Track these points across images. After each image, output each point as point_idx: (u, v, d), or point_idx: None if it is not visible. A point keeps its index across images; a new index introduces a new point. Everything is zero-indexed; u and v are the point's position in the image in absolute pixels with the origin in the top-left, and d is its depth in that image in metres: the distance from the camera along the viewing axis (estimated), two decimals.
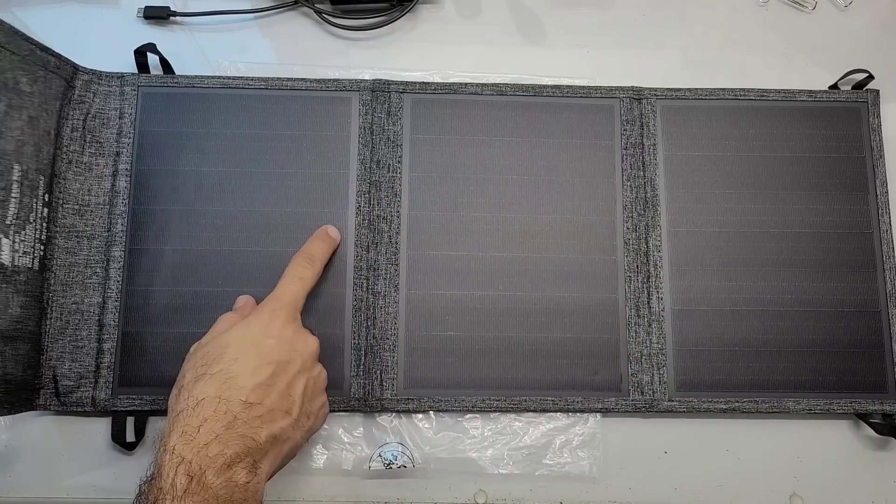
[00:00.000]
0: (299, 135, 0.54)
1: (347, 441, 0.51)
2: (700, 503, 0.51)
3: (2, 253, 0.44)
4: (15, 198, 0.46)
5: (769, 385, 0.52)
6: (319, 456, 0.50)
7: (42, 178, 0.49)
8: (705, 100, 0.56)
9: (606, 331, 0.52)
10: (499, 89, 0.55)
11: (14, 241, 0.46)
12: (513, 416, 0.52)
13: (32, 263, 0.48)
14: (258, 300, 0.47)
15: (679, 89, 0.56)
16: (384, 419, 0.51)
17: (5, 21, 0.45)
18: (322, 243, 0.50)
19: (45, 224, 0.49)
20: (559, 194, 0.54)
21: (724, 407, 0.51)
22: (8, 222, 0.45)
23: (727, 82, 0.57)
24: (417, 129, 0.55)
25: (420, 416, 0.52)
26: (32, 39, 0.48)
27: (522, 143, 0.55)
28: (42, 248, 0.49)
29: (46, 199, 0.49)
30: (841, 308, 0.53)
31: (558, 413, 0.52)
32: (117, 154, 0.53)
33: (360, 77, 0.56)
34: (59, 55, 0.50)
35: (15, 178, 0.46)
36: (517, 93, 0.55)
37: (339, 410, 0.51)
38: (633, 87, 0.56)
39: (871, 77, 0.57)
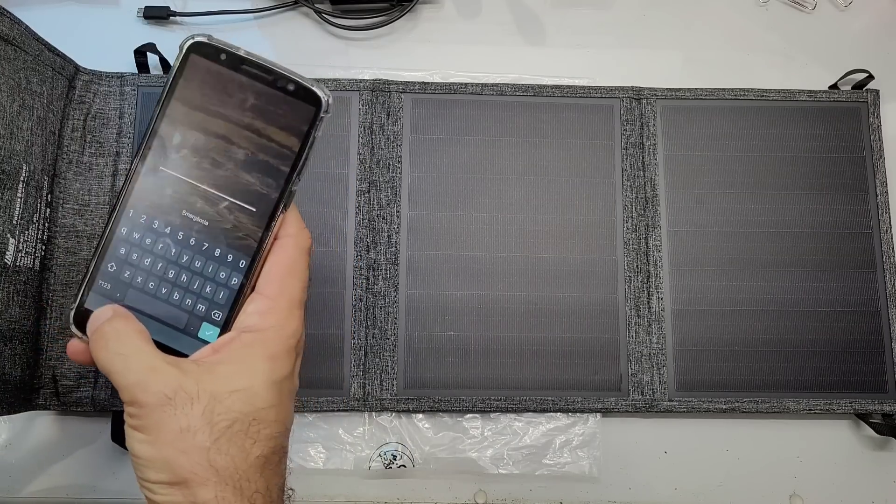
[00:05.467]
0: None
1: (347, 441, 0.51)
2: (700, 503, 0.51)
3: (6, 253, 0.44)
4: (20, 198, 0.46)
5: (769, 385, 0.52)
6: (319, 456, 0.50)
7: (46, 178, 0.49)
8: (705, 100, 0.56)
9: (606, 331, 0.52)
10: (499, 89, 0.55)
11: (18, 242, 0.46)
12: (513, 416, 0.52)
13: (33, 263, 0.48)
14: None
15: (679, 89, 0.56)
16: (384, 419, 0.51)
17: (21, 20, 0.45)
18: None
19: (46, 224, 0.49)
20: (559, 194, 0.54)
21: (724, 407, 0.51)
22: (14, 222, 0.45)
23: (727, 82, 0.57)
24: (417, 129, 0.55)
25: (420, 416, 0.52)
26: (42, 39, 0.48)
27: (522, 143, 0.55)
28: (43, 248, 0.49)
29: (49, 200, 0.49)
30: (841, 308, 0.53)
31: (558, 413, 0.52)
32: (117, 154, 0.53)
33: (359, 77, 0.56)
34: (64, 55, 0.50)
35: (22, 178, 0.46)
36: (517, 93, 0.55)
37: (339, 410, 0.50)
38: (633, 87, 0.56)
39: (871, 77, 0.57)
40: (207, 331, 0.30)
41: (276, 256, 0.30)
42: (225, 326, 0.30)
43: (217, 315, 0.30)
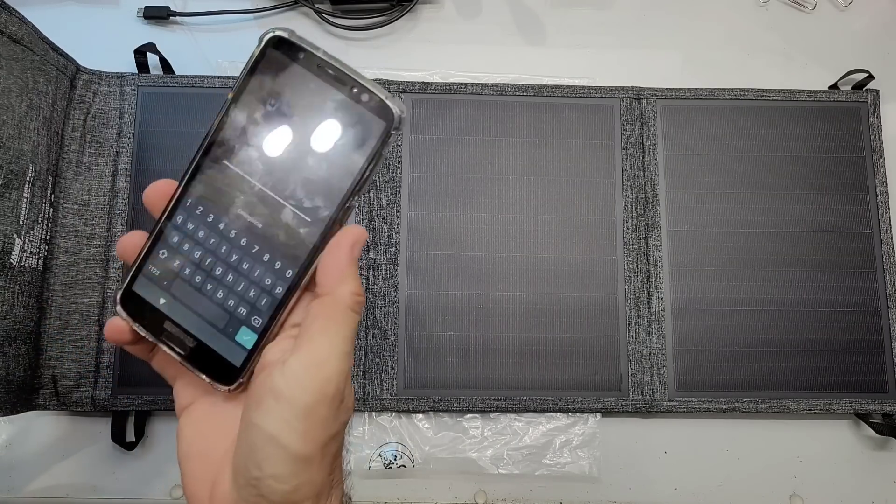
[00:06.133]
0: None
1: (347, 441, 0.51)
2: (700, 503, 0.51)
3: (12, 253, 0.44)
4: (27, 198, 0.46)
5: (769, 385, 0.52)
6: None
7: (50, 178, 0.49)
8: (705, 100, 0.56)
9: (606, 331, 0.52)
10: (499, 89, 0.55)
11: (24, 242, 0.46)
12: (513, 416, 0.52)
13: (37, 264, 0.48)
14: None
15: (679, 89, 0.56)
16: (384, 419, 0.51)
17: (29, 20, 0.45)
18: None
19: (49, 224, 0.49)
20: (559, 194, 0.54)
21: (724, 407, 0.51)
22: (21, 223, 0.45)
23: (727, 82, 0.57)
24: (417, 129, 0.55)
25: (420, 416, 0.52)
26: (47, 39, 0.48)
27: (522, 143, 0.55)
28: (46, 248, 0.49)
29: (52, 200, 0.49)
30: (841, 308, 0.53)
31: (558, 413, 0.52)
32: (117, 154, 0.53)
33: None
34: (66, 55, 0.50)
35: (28, 178, 0.46)
36: (517, 93, 0.55)
37: None
38: (633, 87, 0.56)
39: (871, 77, 0.57)
40: (245, 335, 0.29)
41: None
42: (263, 334, 0.29)
43: (257, 321, 0.29)
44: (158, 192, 0.29)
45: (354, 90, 0.28)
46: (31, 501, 0.49)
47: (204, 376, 0.28)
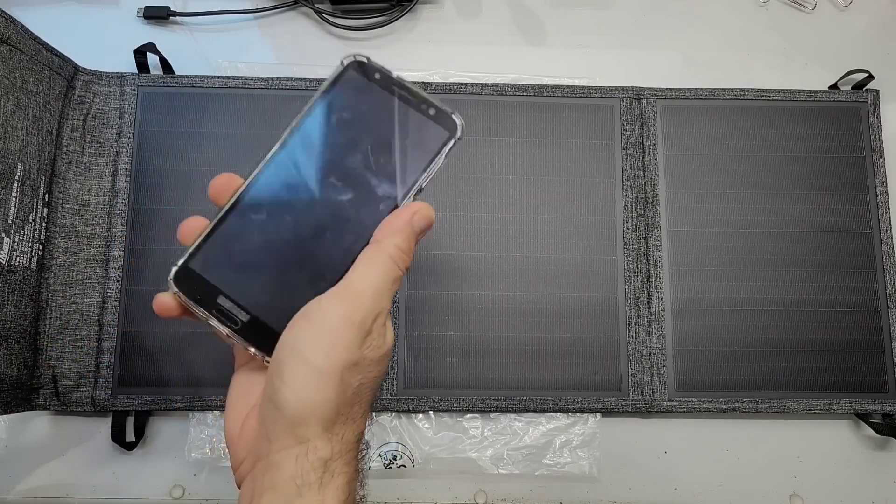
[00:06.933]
0: None
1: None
2: (700, 503, 0.51)
3: (0, 252, 0.44)
4: (16, 197, 0.46)
5: (769, 385, 0.52)
6: None
7: (43, 178, 0.49)
8: (705, 100, 0.56)
9: (606, 331, 0.52)
10: (499, 89, 0.55)
11: (14, 241, 0.46)
12: (513, 416, 0.52)
13: (30, 263, 0.48)
14: None
15: (679, 89, 0.56)
16: (384, 419, 0.51)
17: (17, 20, 0.46)
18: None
19: (44, 224, 0.49)
20: (559, 194, 0.54)
21: (724, 407, 0.51)
22: (9, 222, 0.45)
23: (727, 82, 0.57)
24: None
25: (420, 416, 0.52)
26: (39, 39, 0.48)
27: (522, 143, 0.55)
28: (41, 247, 0.49)
29: (46, 199, 0.49)
30: (841, 308, 0.53)
31: (558, 413, 0.52)
32: (117, 154, 0.53)
33: None
34: (63, 55, 0.50)
35: (17, 177, 0.46)
36: (517, 93, 0.55)
37: None
38: (633, 87, 0.56)
39: (871, 77, 0.57)
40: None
41: None
42: None
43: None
44: (221, 184, 0.31)
45: (423, 105, 0.31)
46: (31, 501, 0.49)
47: (252, 349, 0.30)
